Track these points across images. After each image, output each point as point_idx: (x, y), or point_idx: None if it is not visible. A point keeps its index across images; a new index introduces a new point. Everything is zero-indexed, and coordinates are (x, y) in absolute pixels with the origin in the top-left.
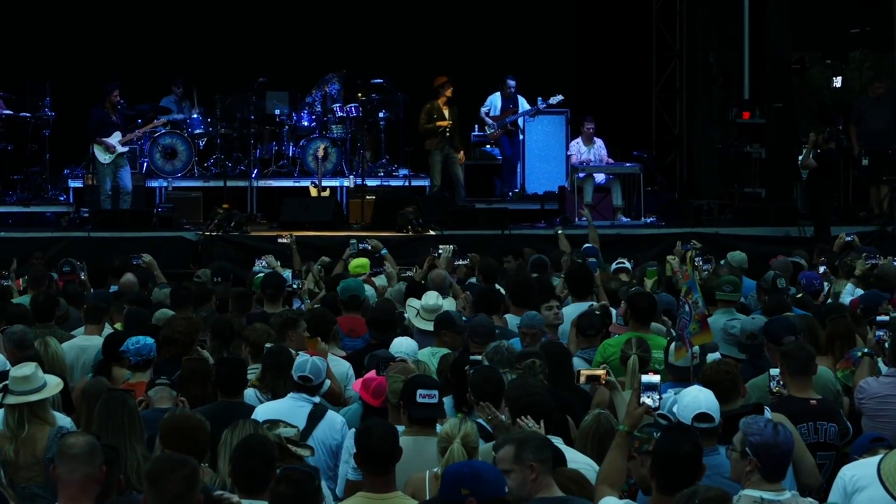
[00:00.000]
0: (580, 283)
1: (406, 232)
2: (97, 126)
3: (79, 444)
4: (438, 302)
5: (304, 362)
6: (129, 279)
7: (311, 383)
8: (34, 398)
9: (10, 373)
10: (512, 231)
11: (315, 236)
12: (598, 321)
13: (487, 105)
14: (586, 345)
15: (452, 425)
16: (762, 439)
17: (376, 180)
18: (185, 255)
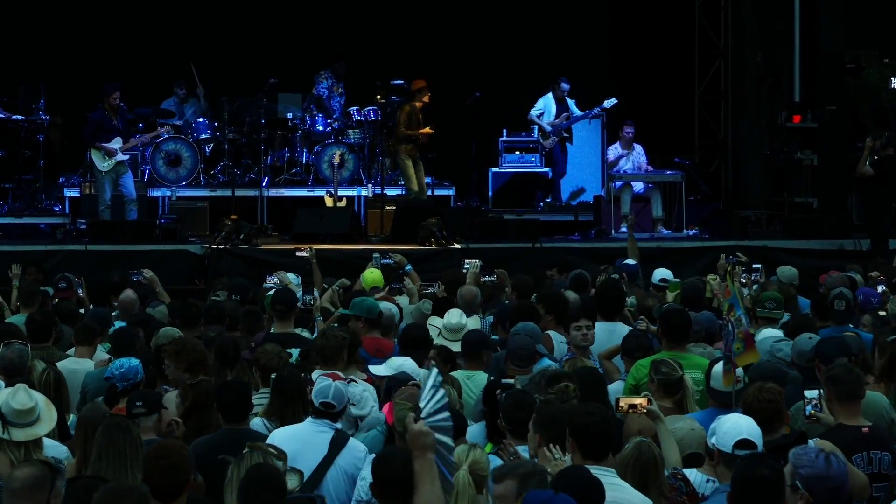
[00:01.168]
0: (609, 301)
1: (429, 245)
2: (95, 130)
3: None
4: (462, 320)
5: (326, 387)
6: (129, 296)
7: (333, 410)
8: (42, 431)
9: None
10: (544, 244)
11: (331, 250)
12: (647, 343)
13: (540, 108)
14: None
15: (460, 451)
16: (813, 471)
17: (397, 189)
18: (190, 270)
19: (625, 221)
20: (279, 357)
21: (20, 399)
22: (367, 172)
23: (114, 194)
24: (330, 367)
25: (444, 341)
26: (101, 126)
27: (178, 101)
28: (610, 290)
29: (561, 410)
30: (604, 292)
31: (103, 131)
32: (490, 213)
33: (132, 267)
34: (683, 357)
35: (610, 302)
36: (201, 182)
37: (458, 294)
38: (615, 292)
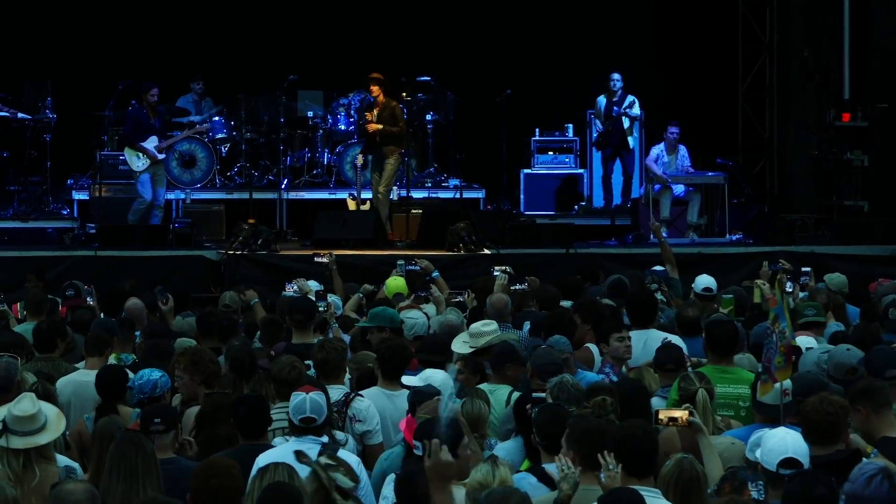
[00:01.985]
0: (642, 309)
1: (457, 251)
2: (134, 129)
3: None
4: (483, 327)
5: (301, 402)
6: (135, 305)
7: (314, 423)
8: (43, 440)
9: (10, 409)
10: (578, 250)
11: (354, 255)
12: (679, 354)
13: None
14: (666, 381)
15: (485, 472)
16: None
17: (423, 191)
18: (205, 277)
19: (653, 230)
20: (293, 368)
21: (22, 406)
22: None
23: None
24: (332, 383)
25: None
26: (139, 124)
27: (197, 98)
28: (641, 296)
29: (596, 426)
30: (635, 299)
31: (140, 130)
32: (522, 217)
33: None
34: (730, 371)
35: (642, 309)
36: (217, 184)
37: (488, 302)
38: (647, 299)
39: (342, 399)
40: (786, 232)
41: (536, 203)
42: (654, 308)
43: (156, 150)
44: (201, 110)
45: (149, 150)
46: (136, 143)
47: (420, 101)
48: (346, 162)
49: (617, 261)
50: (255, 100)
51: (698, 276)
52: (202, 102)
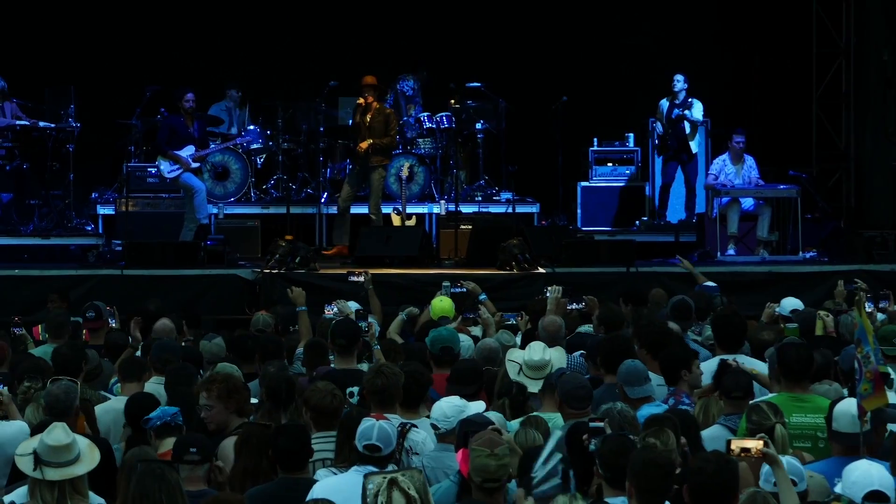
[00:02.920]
0: (731, 332)
1: (509, 270)
2: (168, 136)
3: None
4: (546, 356)
5: (369, 428)
6: (165, 326)
7: (380, 453)
8: (80, 471)
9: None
10: (640, 268)
11: (398, 275)
12: (747, 381)
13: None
14: (731, 410)
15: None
16: None
17: (473, 206)
18: (239, 298)
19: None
20: (333, 397)
21: (56, 436)
22: (439, 187)
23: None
24: (388, 411)
25: (524, 379)
26: (174, 132)
27: (233, 104)
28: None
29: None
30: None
31: (177, 139)
32: (578, 233)
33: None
34: (805, 399)
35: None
36: (252, 198)
37: (540, 325)
38: (736, 321)
39: (398, 430)
40: (864, 249)
41: (594, 218)
42: (743, 330)
43: (190, 159)
44: (235, 119)
45: (182, 158)
46: (169, 152)
47: (469, 109)
48: (390, 174)
49: (681, 280)
50: (293, 107)
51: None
52: (236, 111)
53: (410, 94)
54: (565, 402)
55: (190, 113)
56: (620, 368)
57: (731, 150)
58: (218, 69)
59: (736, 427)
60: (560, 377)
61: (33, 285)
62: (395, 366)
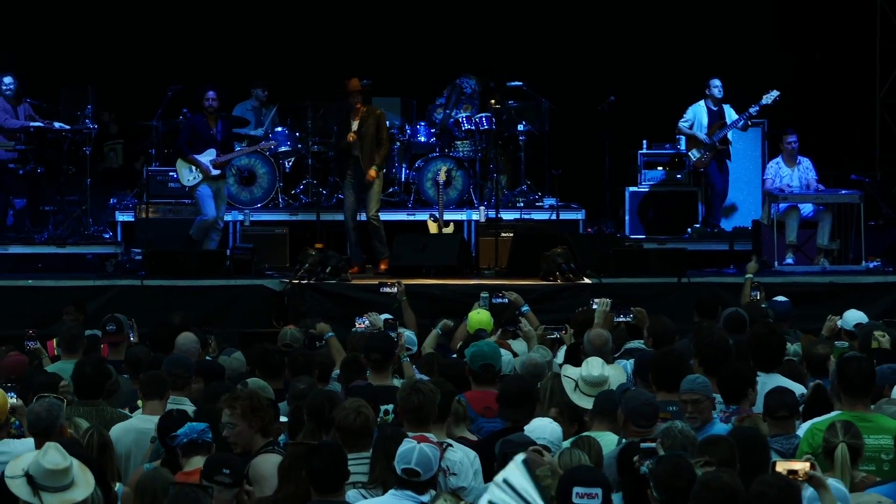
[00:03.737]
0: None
1: (553, 280)
2: (189, 139)
3: None
4: (605, 372)
5: (409, 451)
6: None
7: (418, 478)
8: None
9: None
10: (692, 279)
11: (434, 285)
12: (794, 400)
13: (688, 118)
14: (778, 431)
15: None
16: None
17: (514, 212)
18: (266, 310)
19: None
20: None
21: (52, 458)
22: (478, 192)
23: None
24: (423, 429)
25: (580, 397)
26: (195, 133)
27: (259, 104)
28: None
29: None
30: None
31: (198, 141)
32: (627, 242)
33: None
34: (868, 419)
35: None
36: (280, 204)
37: (586, 339)
38: (774, 338)
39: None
40: None
41: (644, 225)
42: (782, 349)
43: (210, 165)
44: (262, 120)
45: (202, 164)
46: (188, 155)
47: (511, 110)
48: (427, 179)
49: (736, 292)
50: (323, 108)
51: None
52: (263, 111)
53: (469, 91)
54: (631, 420)
55: (212, 113)
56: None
57: (784, 151)
58: (243, 67)
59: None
60: (624, 393)
61: (48, 297)
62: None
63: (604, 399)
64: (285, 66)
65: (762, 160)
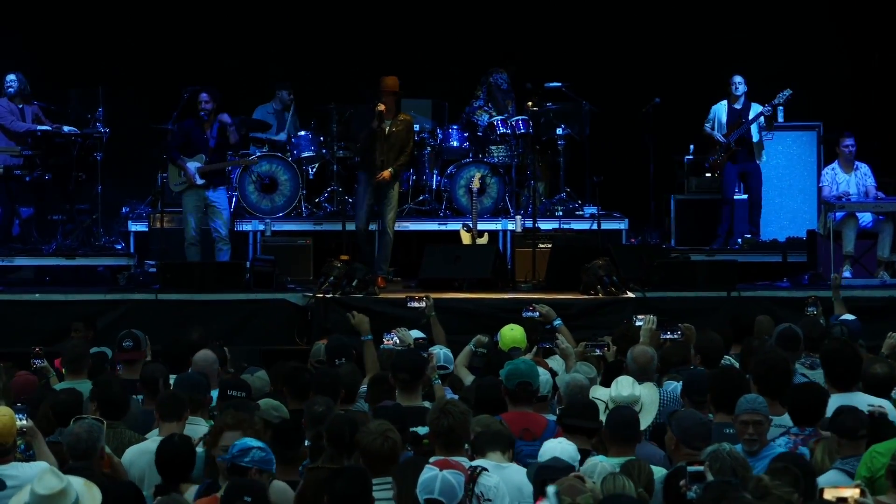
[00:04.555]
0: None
1: (594, 294)
2: (179, 142)
3: None
4: (635, 392)
5: (431, 480)
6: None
7: None
8: None
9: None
10: (742, 292)
11: (467, 300)
12: (866, 419)
13: (710, 118)
14: (849, 452)
15: None
16: None
17: (552, 222)
18: (288, 326)
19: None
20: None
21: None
22: (514, 200)
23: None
24: (455, 453)
25: None
26: (188, 138)
27: (281, 107)
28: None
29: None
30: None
31: (189, 145)
32: (673, 253)
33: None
34: None
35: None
36: (303, 213)
37: (629, 356)
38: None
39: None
40: None
41: (691, 235)
42: (858, 367)
43: (197, 173)
44: (284, 124)
45: (188, 171)
46: (176, 160)
47: (549, 112)
48: (460, 186)
49: (789, 306)
50: (349, 110)
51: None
52: (285, 114)
53: (505, 87)
54: (683, 442)
55: (206, 117)
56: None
57: (840, 155)
58: (265, 67)
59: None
60: (674, 414)
61: (56, 312)
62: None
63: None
64: (309, 67)
65: (817, 165)
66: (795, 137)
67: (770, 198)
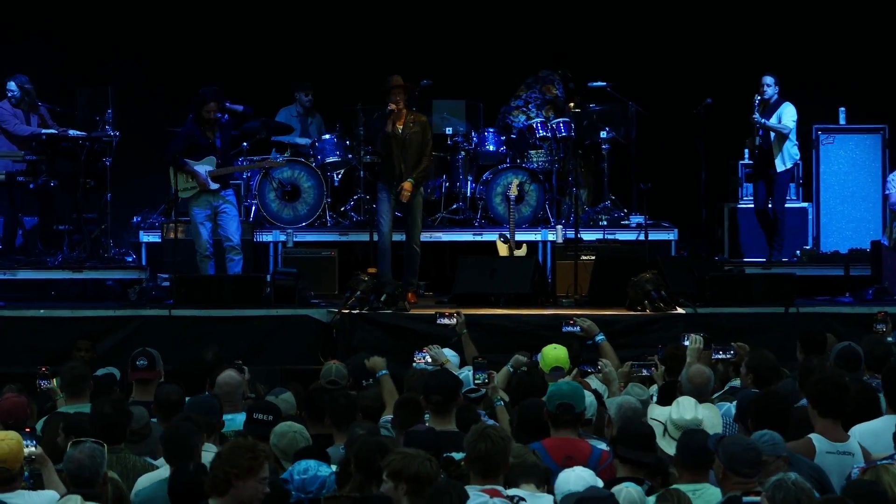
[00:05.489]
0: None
1: (641, 310)
2: (181, 147)
3: None
4: (698, 415)
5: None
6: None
7: None
8: None
9: None
10: (801, 308)
11: (504, 316)
12: None
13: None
14: None
15: None
16: None
17: (596, 232)
18: (312, 344)
19: None
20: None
21: None
22: (555, 209)
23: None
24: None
25: (670, 443)
26: (191, 141)
27: (301, 111)
28: None
29: None
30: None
31: (193, 149)
32: (726, 266)
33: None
34: None
35: None
36: (328, 222)
37: (683, 376)
38: None
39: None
40: None
41: (746, 247)
42: None
43: (208, 176)
44: (308, 128)
45: (199, 175)
46: (184, 165)
47: (592, 114)
48: (496, 193)
49: (852, 323)
50: (377, 112)
51: None
52: (308, 118)
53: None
54: (731, 470)
55: (212, 122)
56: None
57: None
58: (287, 66)
59: None
60: (720, 440)
61: (63, 329)
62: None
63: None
64: (333, 66)
65: (882, 171)
66: (858, 141)
67: (831, 206)
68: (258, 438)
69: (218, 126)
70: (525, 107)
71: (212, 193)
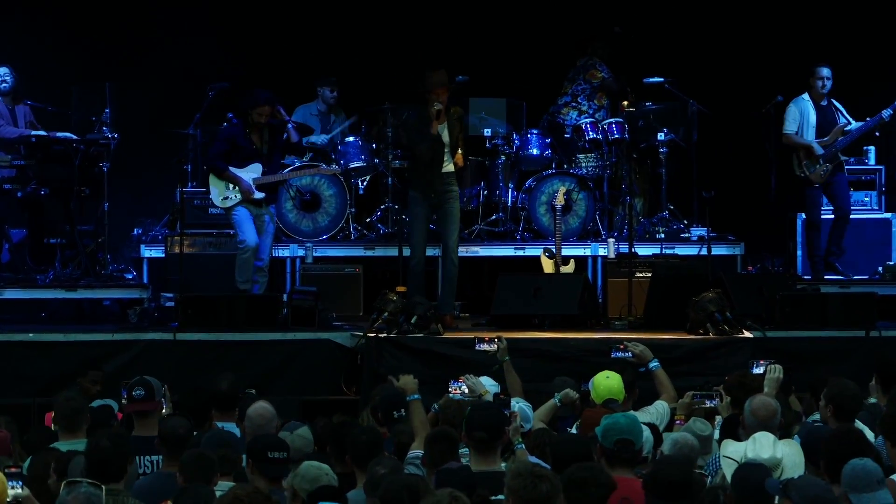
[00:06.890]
0: None
1: (703, 333)
2: (224, 150)
3: None
4: (776, 453)
5: None
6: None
7: None
8: None
9: None
10: (884, 332)
11: (549, 340)
12: None
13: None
14: None
15: None
16: None
17: (653, 246)
18: (334, 372)
19: None
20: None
21: None
22: (606, 220)
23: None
24: None
25: None
26: (235, 146)
27: (324, 109)
28: None
29: None
30: None
31: (238, 155)
32: (799, 284)
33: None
34: None
35: None
36: (352, 235)
37: (747, 408)
38: None
39: None
40: None
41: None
42: None
43: (253, 185)
44: (330, 127)
45: (243, 182)
46: (225, 171)
47: (648, 114)
48: (540, 203)
49: None
50: (406, 112)
51: None
52: (331, 116)
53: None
54: None
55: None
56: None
57: None
58: (306, 61)
59: None
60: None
61: (55, 355)
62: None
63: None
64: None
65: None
66: None
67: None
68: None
69: (268, 130)
70: (574, 101)
71: (255, 204)
